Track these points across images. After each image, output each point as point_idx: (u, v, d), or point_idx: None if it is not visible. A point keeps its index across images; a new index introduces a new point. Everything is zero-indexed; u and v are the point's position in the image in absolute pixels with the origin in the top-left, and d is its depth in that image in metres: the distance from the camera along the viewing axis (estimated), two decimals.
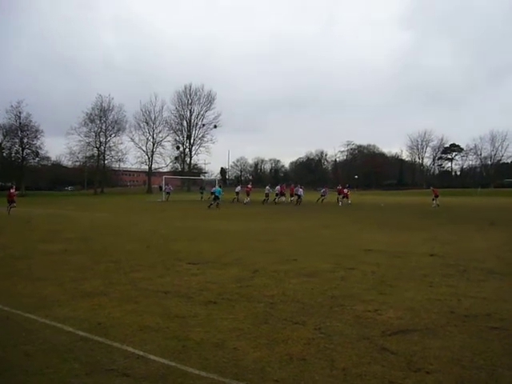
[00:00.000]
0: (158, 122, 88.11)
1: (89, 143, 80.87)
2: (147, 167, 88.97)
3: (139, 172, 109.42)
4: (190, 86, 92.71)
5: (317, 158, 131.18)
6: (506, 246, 11.70)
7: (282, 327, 5.11)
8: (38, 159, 79.39)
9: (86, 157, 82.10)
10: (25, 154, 75.66)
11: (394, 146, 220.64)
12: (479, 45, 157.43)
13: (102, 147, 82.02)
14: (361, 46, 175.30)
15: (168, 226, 18.39)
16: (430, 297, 6.47)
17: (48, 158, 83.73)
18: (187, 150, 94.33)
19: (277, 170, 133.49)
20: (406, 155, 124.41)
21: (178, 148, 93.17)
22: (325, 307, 5.94)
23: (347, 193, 38.01)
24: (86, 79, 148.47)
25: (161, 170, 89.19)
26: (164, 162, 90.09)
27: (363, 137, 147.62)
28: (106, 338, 4.75)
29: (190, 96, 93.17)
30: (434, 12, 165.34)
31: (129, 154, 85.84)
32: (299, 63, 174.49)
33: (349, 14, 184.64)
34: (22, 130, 74.59)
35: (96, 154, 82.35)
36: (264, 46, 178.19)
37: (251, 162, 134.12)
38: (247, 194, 38.27)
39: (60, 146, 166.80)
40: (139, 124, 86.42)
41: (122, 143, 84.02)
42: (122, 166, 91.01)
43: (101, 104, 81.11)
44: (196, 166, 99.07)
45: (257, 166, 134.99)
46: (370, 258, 9.94)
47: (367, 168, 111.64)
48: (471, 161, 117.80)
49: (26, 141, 74.79)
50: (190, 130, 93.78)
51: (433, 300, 6.30)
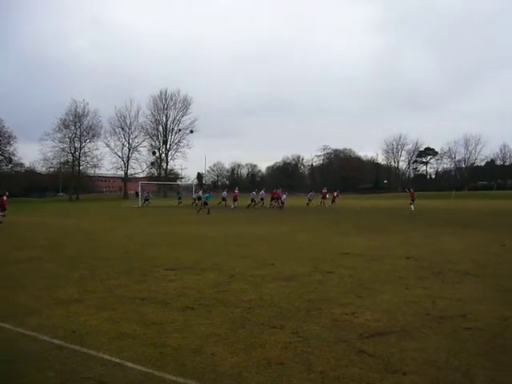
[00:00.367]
0: (133, 127, 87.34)
1: (63, 149, 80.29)
2: (123, 173, 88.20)
3: (115, 178, 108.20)
4: (166, 91, 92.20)
5: (293, 163, 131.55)
6: (480, 248, 11.91)
7: (260, 332, 5.11)
8: (11, 165, 78.28)
9: (61, 163, 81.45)
10: None
11: (370, 149, 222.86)
12: (452, 51, 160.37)
13: (77, 153, 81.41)
14: (337, 50, 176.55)
15: (145, 232, 18.22)
16: (406, 299, 6.55)
17: (21, 165, 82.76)
18: (163, 155, 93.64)
19: (253, 174, 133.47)
20: (381, 159, 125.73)
21: (154, 153, 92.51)
22: (302, 311, 5.96)
23: (335, 196, 38.39)
24: (60, 84, 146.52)
25: (137, 175, 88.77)
26: (140, 167, 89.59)
27: (339, 141, 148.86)
28: (82, 345, 4.69)
29: (166, 101, 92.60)
30: (408, 18, 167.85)
31: (104, 159, 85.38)
32: (276, 68, 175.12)
33: (325, 19, 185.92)
34: None
35: (71, 160, 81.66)
36: (240, 51, 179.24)
37: (228, 166, 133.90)
38: (234, 199, 38.21)
39: (34, 152, 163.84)
40: (114, 129, 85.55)
41: (97, 149, 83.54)
42: (98, 171, 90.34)
43: (75, 109, 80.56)
44: (172, 172, 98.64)
45: (233, 171, 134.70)
46: (347, 261, 10.01)
47: (343, 172, 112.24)
48: (446, 164, 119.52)
49: None
50: (166, 135, 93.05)
51: (409, 302, 6.37)
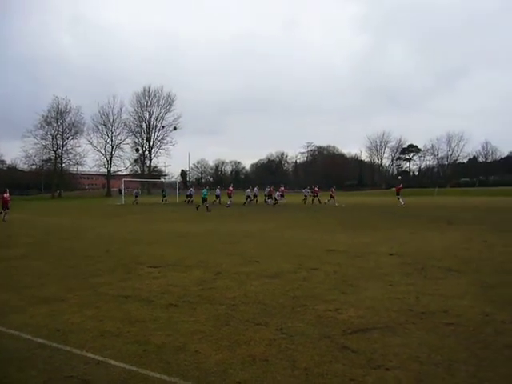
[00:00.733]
0: (116, 125, 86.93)
1: (45, 146, 79.63)
2: (106, 170, 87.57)
3: (98, 175, 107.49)
4: (149, 88, 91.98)
5: (277, 160, 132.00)
6: (463, 244, 12.03)
7: (244, 329, 5.11)
8: None
9: (43, 160, 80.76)
10: None
11: (354, 147, 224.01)
12: (436, 49, 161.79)
13: (60, 150, 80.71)
14: (321, 48, 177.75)
15: (129, 229, 18.11)
16: (390, 295, 6.60)
17: (3, 162, 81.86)
18: (147, 152, 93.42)
19: (238, 171, 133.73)
20: (365, 156, 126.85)
21: (137, 150, 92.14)
22: (287, 308, 5.98)
23: (332, 193, 38.34)
24: (42, 80, 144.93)
25: (120, 172, 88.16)
26: (123, 164, 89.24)
27: (323, 138, 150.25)
28: (65, 344, 4.65)
29: (149, 98, 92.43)
30: (393, 17, 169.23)
31: (87, 156, 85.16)
32: (260, 65, 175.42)
33: (309, 16, 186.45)
34: None
35: (53, 157, 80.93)
36: (225, 47, 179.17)
37: (212, 163, 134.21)
38: (229, 196, 37.85)
39: (15, 150, 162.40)
40: (97, 126, 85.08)
41: (79, 146, 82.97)
42: (80, 169, 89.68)
43: (57, 106, 80.00)
44: (156, 169, 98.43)
45: (217, 168, 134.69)
46: (332, 258, 10.05)
47: (327, 169, 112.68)
48: (428, 161, 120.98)
49: None
50: (149, 132, 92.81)
51: (392, 298, 6.42)
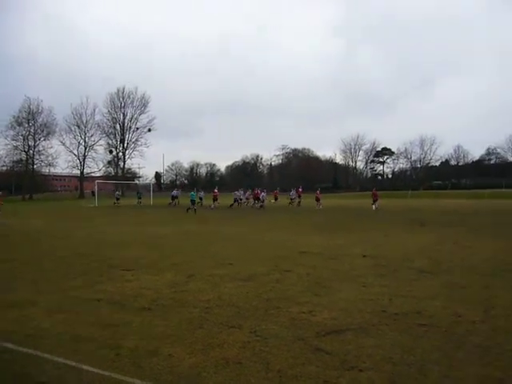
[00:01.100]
0: (89, 126, 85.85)
1: (16, 147, 78.14)
2: (79, 172, 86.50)
3: (70, 177, 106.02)
4: (123, 89, 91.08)
5: (252, 162, 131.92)
6: (436, 246, 12.25)
7: (218, 331, 5.09)
8: None
9: (14, 161, 79.40)
10: None
11: (328, 149, 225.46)
12: (409, 54, 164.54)
13: (31, 151, 79.26)
14: (298, 52, 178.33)
15: (102, 231, 17.84)
16: (363, 297, 6.66)
17: None
18: (120, 154, 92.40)
19: (212, 173, 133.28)
20: (339, 159, 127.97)
21: (110, 152, 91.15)
22: (260, 310, 5.98)
23: (318, 196, 37.97)
24: (13, 81, 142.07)
25: (93, 174, 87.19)
26: (96, 166, 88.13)
27: (298, 141, 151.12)
28: (36, 349, 4.56)
29: (123, 99, 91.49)
30: (367, 22, 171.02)
31: (59, 158, 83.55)
32: (236, 67, 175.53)
33: (283, 19, 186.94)
34: None
35: (24, 159, 79.48)
36: (200, 48, 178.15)
37: (187, 166, 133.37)
38: (215, 198, 37.05)
39: None
40: (70, 127, 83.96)
41: (51, 147, 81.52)
42: (53, 170, 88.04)
43: (29, 106, 78.53)
44: (130, 171, 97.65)
45: (192, 170, 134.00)
46: (305, 260, 10.10)
47: (302, 171, 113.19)
48: (402, 164, 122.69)
49: None
50: (123, 134, 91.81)
51: (366, 300, 6.49)
